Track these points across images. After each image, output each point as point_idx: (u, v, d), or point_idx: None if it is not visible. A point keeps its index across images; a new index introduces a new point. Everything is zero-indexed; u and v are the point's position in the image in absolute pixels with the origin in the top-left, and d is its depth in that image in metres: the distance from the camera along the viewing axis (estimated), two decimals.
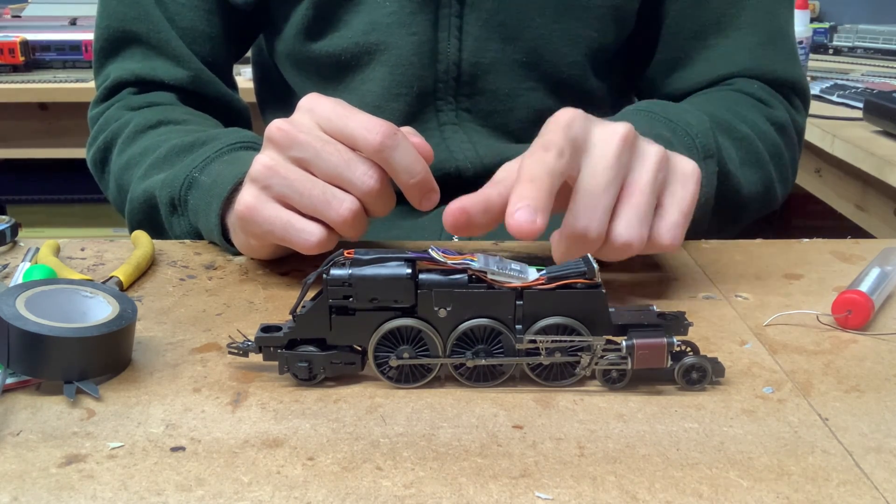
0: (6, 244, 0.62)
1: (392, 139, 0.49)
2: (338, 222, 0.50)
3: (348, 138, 0.50)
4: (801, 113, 0.81)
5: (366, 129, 0.49)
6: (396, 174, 0.50)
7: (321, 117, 0.51)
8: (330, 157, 0.50)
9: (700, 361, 0.43)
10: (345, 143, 0.50)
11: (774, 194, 0.75)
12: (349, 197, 0.50)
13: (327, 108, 0.51)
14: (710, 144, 0.63)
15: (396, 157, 0.50)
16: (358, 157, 0.50)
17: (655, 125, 0.62)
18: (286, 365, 0.43)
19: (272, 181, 0.50)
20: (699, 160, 0.61)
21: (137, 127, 0.73)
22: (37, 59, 1.79)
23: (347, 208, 0.50)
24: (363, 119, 0.50)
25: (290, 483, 0.35)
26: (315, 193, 0.50)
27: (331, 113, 0.51)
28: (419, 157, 0.51)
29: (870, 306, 0.50)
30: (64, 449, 0.38)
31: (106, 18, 0.77)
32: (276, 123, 0.51)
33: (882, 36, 1.99)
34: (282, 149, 0.51)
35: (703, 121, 0.64)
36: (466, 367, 0.43)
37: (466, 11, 0.73)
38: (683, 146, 0.61)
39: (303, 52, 0.78)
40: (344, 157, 0.50)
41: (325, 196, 0.50)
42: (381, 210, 0.52)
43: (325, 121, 0.51)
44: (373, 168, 0.50)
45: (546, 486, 0.35)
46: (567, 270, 0.42)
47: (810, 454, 0.38)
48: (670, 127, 0.62)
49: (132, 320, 0.45)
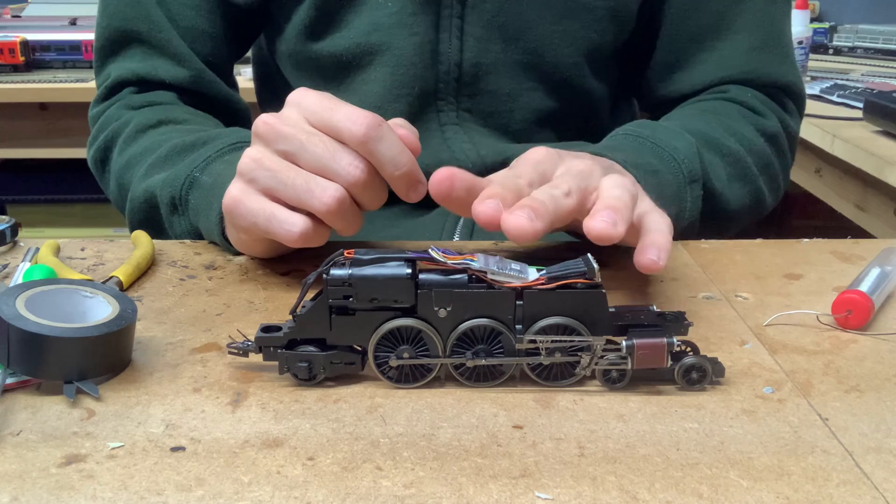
0: (6, 244, 0.62)
1: (376, 130, 0.49)
2: (322, 210, 0.49)
3: (334, 130, 0.50)
4: (794, 117, 0.82)
5: (350, 121, 0.49)
6: (382, 165, 0.50)
7: (307, 110, 0.51)
8: (315, 149, 0.49)
9: (700, 361, 0.43)
10: (330, 135, 0.50)
11: (764, 204, 0.77)
12: (332, 185, 0.49)
13: (313, 101, 0.51)
14: (695, 169, 0.65)
15: (381, 149, 0.49)
16: (343, 148, 0.50)
17: (643, 152, 0.64)
18: (286, 365, 0.43)
19: (257, 174, 0.50)
20: (684, 184, 0.65)
21: (138, 126, 0.73)
22: (37, 59, 1.79)
23: (331, 195, 0.49)
24: (348, 111, 0.50)
25: (290, 483, 0.35)
26: (298, 183, 0.49)
27: (317, 106, 0.51)
28: (405, 149, 0.50)
29: (870, 306, 0.50)
30: (64, 449, 0.38)
31: (107, 18, 0.77)
32: (263, 118, 0.51)
33: (882, 36, 1.99)
34: (268, 142, 0.51)
35: (690, 144, 0.67)
36: (466, 367, 0.43)
37: (468, 12, 0.73)
38: (670, 171, 0.64)
39: (304, 52, 0.78)
40: (329, 147, 0.49)
41: (309, 185, 0.49)
42: (371, 201, 0.51)
43: (311, 113, 0.51)
44: (358, 159, 0.49)
45: (546, 486, 0.35)
46: (567, 270, 0.42)
47: (810, 454, 0.38)
48: (657, 153, 0.65)
49: (132, 320, 0.45)
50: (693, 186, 0.65)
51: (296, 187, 0.49)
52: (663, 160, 0.64)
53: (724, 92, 0.78)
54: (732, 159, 0.72)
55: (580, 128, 0.82)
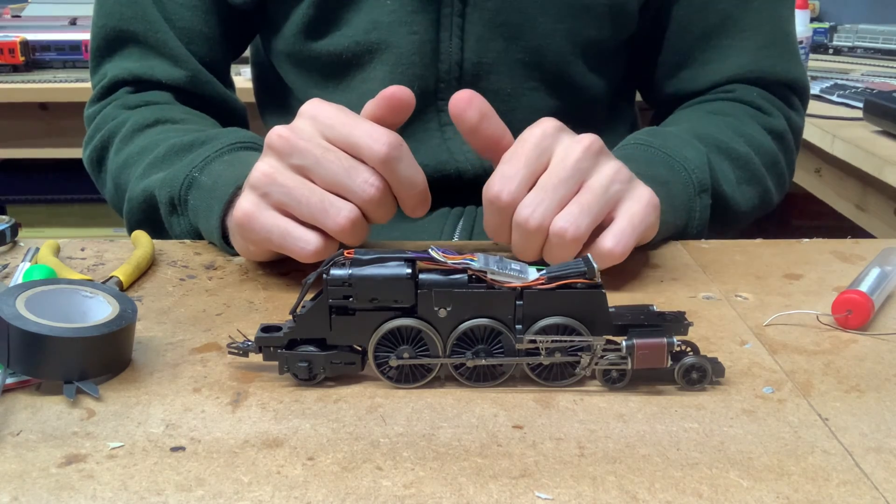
0: (6, 244, 0.62)
1: (398, 150, 0.49)
2: (335, 231, 0.50)
3: (352, 147, 0.50)
4: (799, 113, 0.83)
5: (372, 139, 0.49)
6: (399, 185, 0.51)
7: (324, 125, 0.51)
8: (330, 165, 0.49)
9: (700, 361, 0.43)
10: (348, 151, 0.50)
11: (771, 202, 0.78)
12: (348, 205, 0.50)
13: (331, 115, 0.51)
14: (705, 179, 0.66)
15: (401, 169, 0.50)
16: (359, 165, 0.50)
17: (654, 162, 0.65)
18: (286, 365, 0.43)
19: (270, 189, 0.50)
20: (695, 194, 0.66)
21: (135, 126, 0.73)
22: (37, 59, 1.79)
23: (345, 217, 0.50)
24: (368, 128, 0.50)
25: (290, 483, 0.35)
26: (313, 202, 0.50)
27: (334, 120, 0.50)
28: (420, 170, 0.52)
29: (870, 306, 0.50)
30: (64, 449, 0.38)
31: (103, 18, 0.77)
32: (277, 130, 0.51)
33: (882, 36, 1.99)
34: (282, 156, 0.50)
35: (701, 153, 0.67)
36: (466, 367, 0.43)
37: (468, 11, 0.73)
38: (680, 182, 0.65)
39: (303, 52, 0.78)
40: (344, 164, 0.50)
41: (324, 204, 0.50)
42: (382, 217, 0.52)
43: (328, 128, 0.50)
44: (374, 176, 0.50)
45: (546, 486, 0.35)
46: (567, 270, 0.42)
47: (810, 454, 0.38)
48: (668, 163, 0.66)
49: (132, 320, 0.45)
50: (702, 196, 0.66)
51: (311, 206, 0.50)
52: (674, 171, 0.65)
53: (730, 92, 0.79)
54: (742, 162, 0.73)
55: (581, 127, 0.82)
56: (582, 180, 0.52)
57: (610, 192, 0.52)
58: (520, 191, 0.51)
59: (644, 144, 0.68)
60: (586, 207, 0.51)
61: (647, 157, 0.66)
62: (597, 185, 0.52)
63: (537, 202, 0.50)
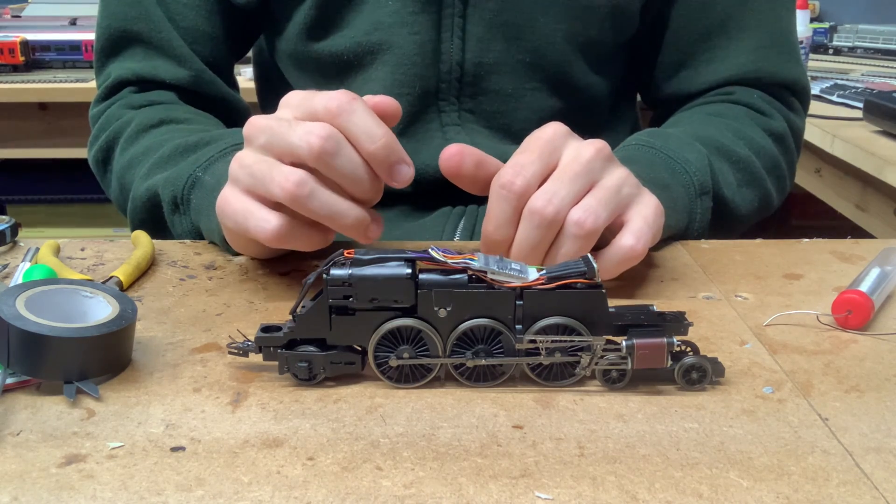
0: (6, 244, 0.62)
1: (350, 104, 0.48)
2: (280, 196, 0.48)
3: (311, 114, 0.49)
4: (800, 114, 0.83)
5: (326, 98, 0.49)
6: (358, 140, 0.48)
7: (291, 105, 0.51)
8: (279, 129, 0.49)
9: (700, 361, 0.43)
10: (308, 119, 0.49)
11: (771, 205, 0.78)
12: (294, 170, 0.48)
13: (297, 95, 0.51)
14: (706, 182, 0.66)
15: (354, 120, 0.48)
16: (302, 122, 0.49)
17: (656, 164, 0.65)
18: (286, 365, 0.43)
19: (238, 173, 0.51)
20: (695, 197, 0.66)
21: (140, 126, 0.73)
22: (37, 59, 1.79)
23: (292, 179, 0.47)
24: (326, 93, 0.49)
25: (290, 483, 0.35)
26: (263, 169, 0.49)
27: (300, 98, 0.51)
28: (379, 121, 0.49)
29: (870, 306, 0.50)
30: (64, 449, 0.38)
31: (107, 18, 0.77)
32: (250, 119, 0.51)
33: (882, 36, 1.99)
34: (249, 141, 0.51)
35: (702, 156, 0.67)
36: (466, 367, 0.43)
37: (469, 11, 0.73)
38: (681, 184, 0.65)
39: (305, 52, 0.78)
40: (291, 125, 0.49)
41: (271, 171, 0.48)
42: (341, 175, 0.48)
43: (295, 107, 0.51)
44: (317, 126, 0.48)
45: (546, 486, 0.35)
46: (567, 270, 0.42)
47: (810, 454, 0.38)
48: (669, 165, 0.66)
49: (132, 320, 0.45)
50: (703, 199, 0.66)
51: (263, 176, 0.49)
52: (675, 173, 0.65)
53: (730, 94, 0.79)
54: (742, 165, 0.73)
55: (582, 128, 0.82)
56: (594, 180, 0.52)
57: (622, 194, 0.52)
58: (535, 179, 0.51)
59: (645, 146, 0.68)
60: (604, 201, 0.51)
61: (649, 158, 0.66)
62: (610, 184, 0.52)
63: (553, 191, 0.50)
